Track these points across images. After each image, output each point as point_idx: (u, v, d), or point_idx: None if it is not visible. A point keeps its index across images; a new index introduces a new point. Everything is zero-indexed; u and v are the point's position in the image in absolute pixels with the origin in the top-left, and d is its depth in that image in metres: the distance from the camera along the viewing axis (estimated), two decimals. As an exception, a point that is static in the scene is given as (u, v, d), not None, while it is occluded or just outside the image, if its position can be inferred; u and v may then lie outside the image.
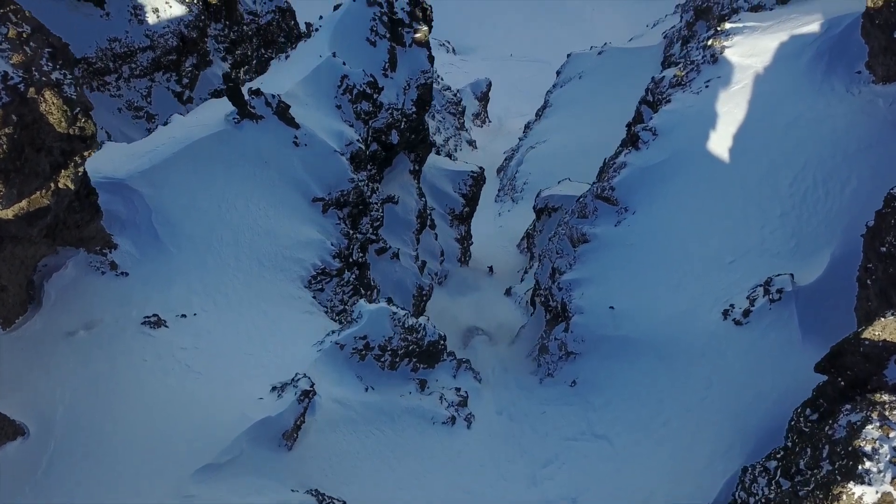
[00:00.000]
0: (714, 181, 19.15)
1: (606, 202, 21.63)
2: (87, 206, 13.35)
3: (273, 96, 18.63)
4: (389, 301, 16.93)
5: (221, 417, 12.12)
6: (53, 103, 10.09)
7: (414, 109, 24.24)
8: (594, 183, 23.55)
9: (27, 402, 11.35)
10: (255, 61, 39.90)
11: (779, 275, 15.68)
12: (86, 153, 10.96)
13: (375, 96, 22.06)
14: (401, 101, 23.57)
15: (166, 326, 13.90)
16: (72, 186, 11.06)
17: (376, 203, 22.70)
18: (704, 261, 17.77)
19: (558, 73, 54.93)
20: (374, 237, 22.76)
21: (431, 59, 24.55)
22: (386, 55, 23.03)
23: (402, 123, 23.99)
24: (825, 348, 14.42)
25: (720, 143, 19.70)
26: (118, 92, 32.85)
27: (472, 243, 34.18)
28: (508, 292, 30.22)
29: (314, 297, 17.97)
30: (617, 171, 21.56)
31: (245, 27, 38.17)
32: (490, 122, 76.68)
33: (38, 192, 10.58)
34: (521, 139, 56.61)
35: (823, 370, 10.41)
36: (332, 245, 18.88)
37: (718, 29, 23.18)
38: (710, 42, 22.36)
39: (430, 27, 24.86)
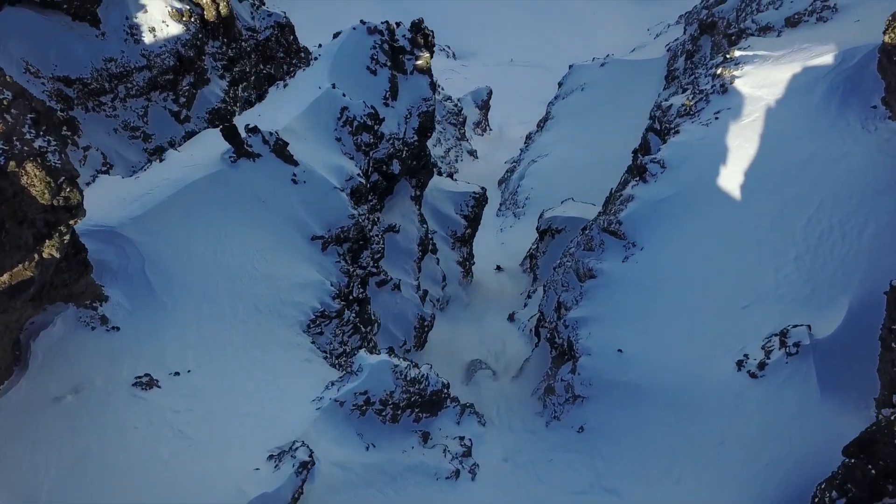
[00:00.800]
0: (725, 219, 18.57)
1: (613, 236, 21.05)
2: (76, 264, 12.77)
3: (271, 133, 18.04)
4: (391, 351, 16.35)
5: (217, 490, 11.55)
6: (36, 175, 9.50)
7: (415, 138, 23.65)
8: (600, 214, 22.94)
9: (10, 480, 10.77)
10: (253, 77, 39.30)
11: (796, 326, 15.11)
12: (72, 222, 10.37)
13: (376, 127, 21.46)
14: (402, 130, 22.97)
15: (158, 387, 13.32)
16: (57, 255, 10.47)
17: (377, 235, 22.13)
18: (716, 304, 17.19)
19: (560, 83, 54.31)
20: (374, 270, 22.19)
21: (433, 86, 23.94)
22: (387, 84, 22.43)
23: (404, 152, 23.40)
24: (845, 407, 13.95)
25: (731, 179, 19.11)
26: (114, 112, 32.24)
27: (474, 263, 33.58)
28: (512, 318, 29.64)
29: (313, 342, 17.39)
30: (624, 205, 20.96)
31: (243, 43, 37.56)
32: (491, 130, 76.07)
33: (21, 265, 10.00)
34: (522, 150, 56.05)
35: (852, 454, 9.84)
36: (331, 286, 18.29)
37: (728, 56, 22.58)
38: (719, 71, 21.76)
39: (433, 52, 24.26)
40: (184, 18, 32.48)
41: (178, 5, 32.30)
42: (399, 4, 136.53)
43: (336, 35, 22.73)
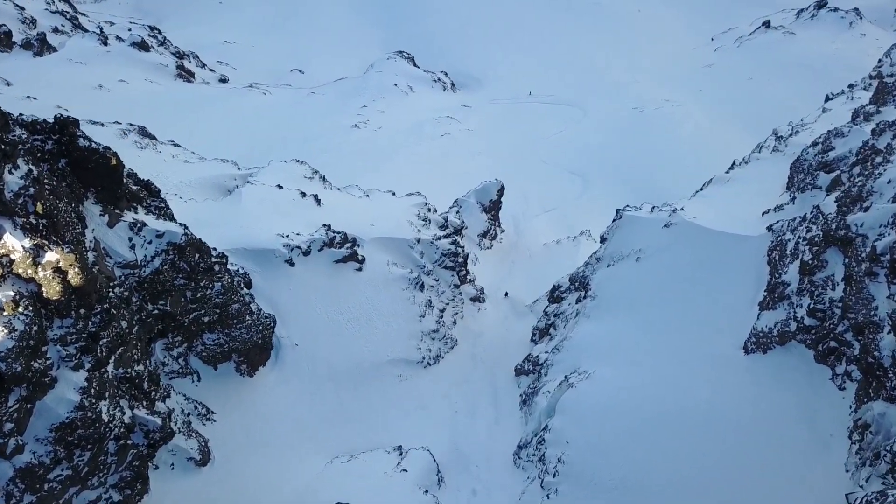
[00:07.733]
0: None
1: None
2: None
3: None
4: None
5: None
6: None
7: None
8: None
9: None
10: (137, 328, 31.46)
11: None
12: None
13: None
14: None
15: None
16: None
17: None
18: None
19: (603, 238, 46.39)
20: None
21: None
22: None
23: None
24: None
25: None
26: None
27: None
28: None
29: None
30: None
31: (118, 289, 29.65)
32: (503, 231, 68.59)
33: None
34: (549, 318, 48.35)
35: None
36: None
37: None
38: None
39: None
40: (5, 314, 24.58)
41: (-7, 297, 24.38)
42: (388, 7, 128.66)
43: None
